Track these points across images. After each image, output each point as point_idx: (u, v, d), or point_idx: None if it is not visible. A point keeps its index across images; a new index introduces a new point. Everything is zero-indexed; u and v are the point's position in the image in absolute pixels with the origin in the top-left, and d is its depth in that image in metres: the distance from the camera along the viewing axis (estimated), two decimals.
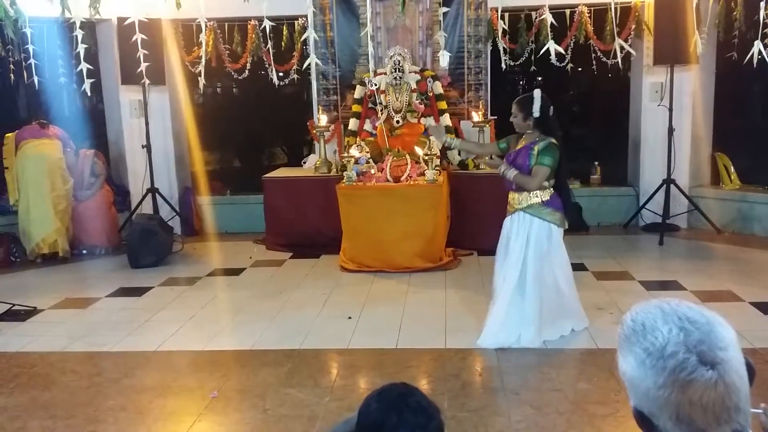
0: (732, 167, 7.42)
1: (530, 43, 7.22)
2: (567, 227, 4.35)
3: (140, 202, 7.57)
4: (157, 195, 7.53)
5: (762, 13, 3.22)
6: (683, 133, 7.32)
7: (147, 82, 5.81)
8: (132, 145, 7.80)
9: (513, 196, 4.32)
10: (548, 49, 5.49)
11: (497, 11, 6.95)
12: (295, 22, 7.47)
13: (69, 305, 5.51)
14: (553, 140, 4.15)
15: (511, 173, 4.20)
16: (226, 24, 7.50)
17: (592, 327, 4.55)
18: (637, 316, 1.17)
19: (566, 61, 6.98)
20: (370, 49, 4.50)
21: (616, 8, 6.64)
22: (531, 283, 4.21)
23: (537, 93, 4.14)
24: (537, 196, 4.20)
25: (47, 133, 6.87)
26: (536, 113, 4.13)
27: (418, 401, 1.51)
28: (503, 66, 7.22)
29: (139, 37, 3.59)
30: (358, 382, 4.02)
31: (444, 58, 2.92)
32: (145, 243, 6.65)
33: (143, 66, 3.92)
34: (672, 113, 6.93)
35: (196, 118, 8.14)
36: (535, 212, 4.21)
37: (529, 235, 4.21)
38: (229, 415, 3.56)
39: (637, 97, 7.66)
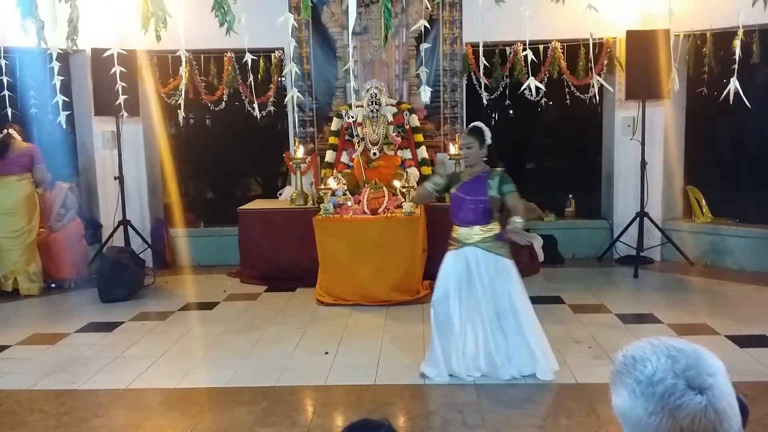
0: (703, 200, 7.53)
1: (505, 78, 7.33)
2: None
3: (111, 235, 7.43)
4: (128, 227, 7.41)
5: (738, 51, 3.28)
6: (655, 167, 7.43)
7: (125, 114, 5.79)
8: (104, 176, 7.69)
9: (461, 230, 4.27)
10: (523, 83, 5.58)
11: (472, 46, 7.05)
12: (272, 54, 7.48)
13: (37, 341, 5.35)
14: (503, 169, 4.23)
15: (519, 221, 4.09)
16: (202, 56, 7.48)
17: (571, 361, 4.53)
18: (628, 352, 1.20)
19: (541, 95, 7.07)
20: (353, 84, 4.49)
21: (590, 44, 6.76)
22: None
23: (481, 123, 4.30)
24: (490, 230, 4.21)
25: (11, 169, 6.68)
26: (489, 141, 4.21)
27: None
28: (485, 101, 7.29)
29: (117, 69, 3.55)
30: (336, 420, 3.93)
31: (425, 94, 2.93)
32: (116, 276, 6.51)
33: (122, 98, 3.88)
34: (644, 147, 7.04)
35: (170, 149, 8.05)
36: (487, 247, 4.20)
37: (488, 270, 4.20)
38: None
39: (610, 131, 7.78)
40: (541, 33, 7.06)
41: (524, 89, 3.65)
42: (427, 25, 3.02)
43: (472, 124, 4.36)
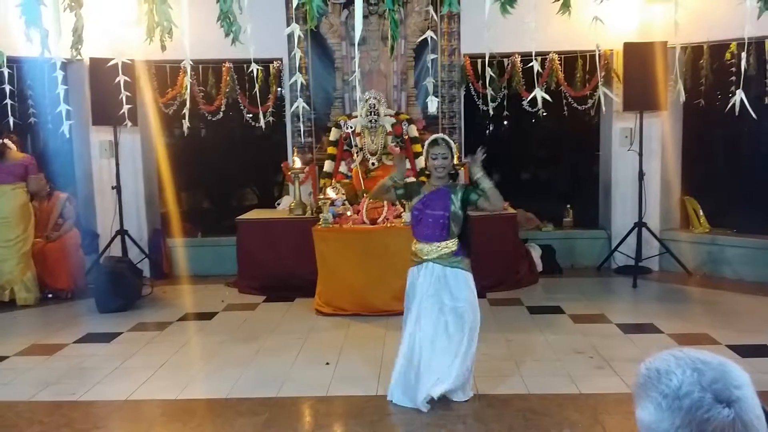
0: (701, 211, 7.56)
1: (502, 89, 7.38)
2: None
3: (108, 244, 7.40)
4: (126, 237, 7.38)
5: (743, 63, 3.31)
6: (653, 177, 7.47)
7: (129, 124, 5.83)
8: (101, 186, 7.68)
9: (420, 245, 4.08)
10: (521, 94, 5.61)
11: (471, 58, 7.08)
12: (270, 65, 7.49)
13: (35, 352, 5.31)
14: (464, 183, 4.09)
15: (487, 183, 3.94)
16: (200, 66, 7.47)
17: (574, 372, 4.52)
18: (651, 364, 1.19)
19: (538, 107, 7.08)
20: (359, 94, 4.50)
21: (589, 56, 6.81)
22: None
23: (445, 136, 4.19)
24: (447, 247, 4.02)
25: (5, 178, 6.65)
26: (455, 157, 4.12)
27: None
28: (490, 111, 7.31)
29: (122, 78, 3.54)
30: (337, 431, 3.92)
31: (432, 104, 2.94)
32: (114, 286, 6.48)
33: (125, 108, 3.87)
34: (642, 158, 7.07)
35: (167, 159, 8.03)
36: (443, 262, 4.01)
37: (445, 287, 4.01)
38: None
39: (607, 141, 7.81)
40: (539, 44, 7.10)
41: (529, 100, 3.64)
42: (434, 36, 3.04)
43: (438, 136, 4.18)
